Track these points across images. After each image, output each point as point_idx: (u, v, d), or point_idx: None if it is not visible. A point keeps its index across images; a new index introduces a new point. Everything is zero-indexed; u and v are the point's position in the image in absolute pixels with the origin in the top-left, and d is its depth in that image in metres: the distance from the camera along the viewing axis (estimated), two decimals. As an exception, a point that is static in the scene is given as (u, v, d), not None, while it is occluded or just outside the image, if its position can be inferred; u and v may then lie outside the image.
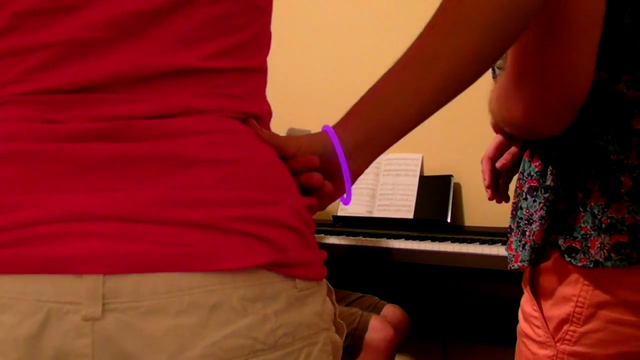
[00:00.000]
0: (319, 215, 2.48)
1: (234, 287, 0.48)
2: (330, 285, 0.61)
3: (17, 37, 0.51)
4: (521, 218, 0.78)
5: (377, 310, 1.94)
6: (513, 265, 0.79)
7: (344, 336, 0.61)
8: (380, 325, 1.72)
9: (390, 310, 1.93)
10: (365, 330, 1.69)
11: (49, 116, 0.50)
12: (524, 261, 0.76)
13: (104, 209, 0.47)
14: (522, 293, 0.82)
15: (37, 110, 0.50)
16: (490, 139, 0.95)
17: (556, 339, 0.73)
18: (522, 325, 0.80)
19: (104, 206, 0.47)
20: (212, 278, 0.47)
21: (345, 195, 0.64)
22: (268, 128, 0.61)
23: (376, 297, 2.00)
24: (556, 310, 0.73)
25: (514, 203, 0.84)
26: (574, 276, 0.72)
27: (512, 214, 0.85)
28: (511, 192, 0.89)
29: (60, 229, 0.46)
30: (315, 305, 0.54)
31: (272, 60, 0.63)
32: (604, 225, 0.69)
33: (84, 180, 0.48)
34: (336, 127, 0.61)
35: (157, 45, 0.51)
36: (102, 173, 0.49)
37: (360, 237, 2.06)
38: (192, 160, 0.50)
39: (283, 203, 0.53)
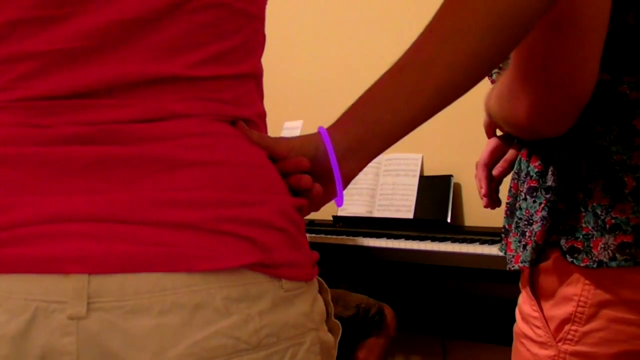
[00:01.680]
0: (318, 215, 2.48)
1: (218, 287, 0.48)
2: (325, 285, 0.60)
3: (7, 46, 0.52)
4: (520, 218, 0.78)
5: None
6: (513, 266, 0.79)
7: (339, 335, 0.60)
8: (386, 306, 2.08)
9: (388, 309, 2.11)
10: (383, 311, 2.00)
11: (37, 121, 0.51)
12: (525, 262, 0.75)
13: (90, 211, 0.48)
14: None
15: (25, 115, 0.51)
16: (490, 140, 0.94)
17: (557, 339, 0.73)
18: (521, 326, 0.80)
19: (90, 207, 0.48)
20: (195, 278, 0.48)
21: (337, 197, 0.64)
22: (263, 131, 0.61)
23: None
24: (557, 310, 0.73)
25: (507, 203, 0.84)
26: (575, 276, 0.71)
27: (506, 213, 0.84)
28: (503, 192, 0.89)
29: (47, 230, 0.47)
30: (302, 306, 0.54)
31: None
32: (607, 226, 0.68)
33: (71, 182, 0.49)
34: (330, 128, 0.61)
35: (143, 54, 0.52)
36: (89, 175, 0.49)
37: (360, 237, 2.06)
38: (177, 162, 0.51)
39: (269, 203, 0.53)
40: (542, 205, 0.74)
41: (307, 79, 2.68)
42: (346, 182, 0.62)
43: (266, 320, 0.50)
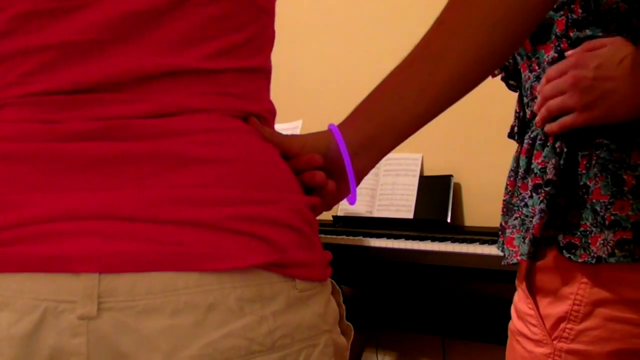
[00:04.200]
0: (318, 215, 2.47)
1: (232, 287, 0.47)
2: (337, 286, 0.59)
3: (16, 39, 0.51)
4: (527, 216, 0.78)
5: None
6: (512, 260, 0.79)
7: (351, 338, 0.59)
8: None
9: None
10: None
11: (47, 117, 0.50)
12: (523, 255, 0.76)
13: (101, 208, 0.47)
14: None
15: (36, 111, 0.50)
16: (490, 139, 0.94)
17: (553, 336, 0.73)
18: (516, 324, 0.80)
19: (101, 205, 0.47)
20: (209, 278, 0.47)
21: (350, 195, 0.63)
22: (272, 127, 0.60)
23: None
24: (553, 308, 0.74)
25: (504, 201, 0.85)
26: (572, 274, 0.72)
27: (503, 211, 0.85)
28: (501, 188, 0.89)
29: (57, 228, 0.46)
30: (316, 307, 0.53)
31: (278, 58, 0.62)
32: (607, 222, 0.69)
33: (82, 179, 0.48)
34: (341, 125, 0.61)
35: (155, 46, 0.51)
36: (100, 172, 0.48)
37: (360, 237, 2.06)
38: (190, 159, 0.50)
39: (283, 202, 0.52)
40: (541, 198, 0.74)
41: (306, 78, 2.68)
42: (359, 179, 0.61)
43: (280, 321, 0.49)
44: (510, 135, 0.90)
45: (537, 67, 0.80)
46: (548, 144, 0.76)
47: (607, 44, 0.70)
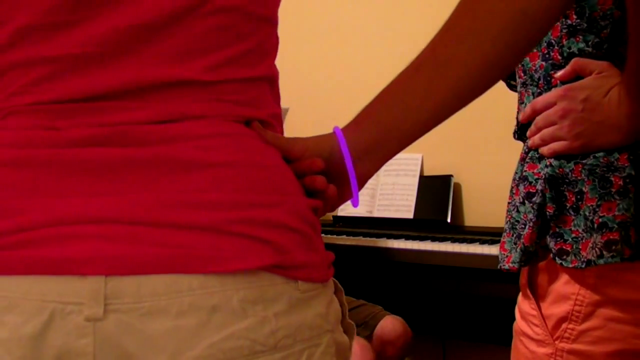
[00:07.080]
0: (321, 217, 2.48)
1: (235, 289, 0.48)
2: (339, 285, 0.60)
3: (20, 51, 0.51)
4: (517, 221, 0.80)
5: (375, 320, 1.91)
6: (504, 265, 0.80)
7: (354, 336, 0.60)
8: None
9: (390, 322, 1.91)
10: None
11: (51, 124, 0.51)
12: (514, 263, 0.78)
13: (106, 212, 0.48)
14: (521, 293, 0.83)
15: (40, 118, 0.51)
16: (490, 139, 0.95)
17: (555, 337, 0.74)
18: (520, 324, 0.81)
19: (106, 209, 0.48)
20: (212, 280, 0.48)
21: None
22: (278, 131, 0.61)
23: (379, 307, 1.97)
24: (555, 309, 0.74)
25: (509, 203, 0.85)
26: (573, 275, 0.73)
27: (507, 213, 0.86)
28: (501, 188, 0.89)
29: (62, 232, 0.47)
30: (318, 307, 0.53)
31: (280, 60, 0.62)
32: (595, 225, 0.70)
33: (86, 184, 0.49)
34: (346, 129, 0.61)
35: (155, 58, 0.52)
36: (104, 177, 0.49)
37: (360, 237, 2.07)
38: (193, 163, 0.50)
39: (285, 205, 0.53)
40: (531, 207, 0.76)
41: (315, 81, 2.68)
42: (362, 183, 0.62)
43: (282, 322, 0.50)
44: (514, 136, 0.91)
45: (522, 74, 0.81)
46: (545, 158, 0.77)
47: (595, 69, 0.72)
